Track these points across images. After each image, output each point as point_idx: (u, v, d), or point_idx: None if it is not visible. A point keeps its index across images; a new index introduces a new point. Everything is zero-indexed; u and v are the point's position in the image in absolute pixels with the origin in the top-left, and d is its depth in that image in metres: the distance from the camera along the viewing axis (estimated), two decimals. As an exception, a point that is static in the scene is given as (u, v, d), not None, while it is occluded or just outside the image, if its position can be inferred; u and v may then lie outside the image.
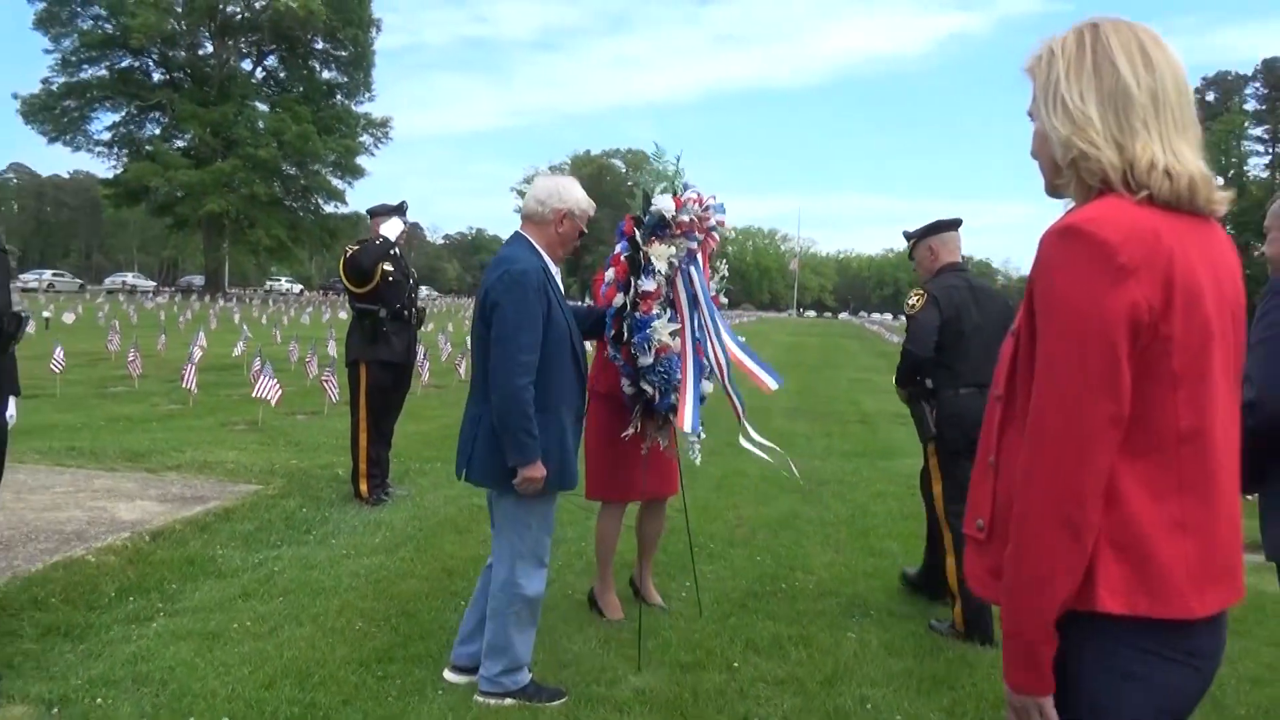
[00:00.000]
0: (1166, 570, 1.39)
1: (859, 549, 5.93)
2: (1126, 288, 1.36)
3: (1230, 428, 1.49)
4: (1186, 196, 1.44)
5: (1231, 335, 1.49)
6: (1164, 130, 1.45)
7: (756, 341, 40.15)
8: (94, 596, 4.32)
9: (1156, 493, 1.41)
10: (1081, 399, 1.37)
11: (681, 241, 4.10)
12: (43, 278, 57.42)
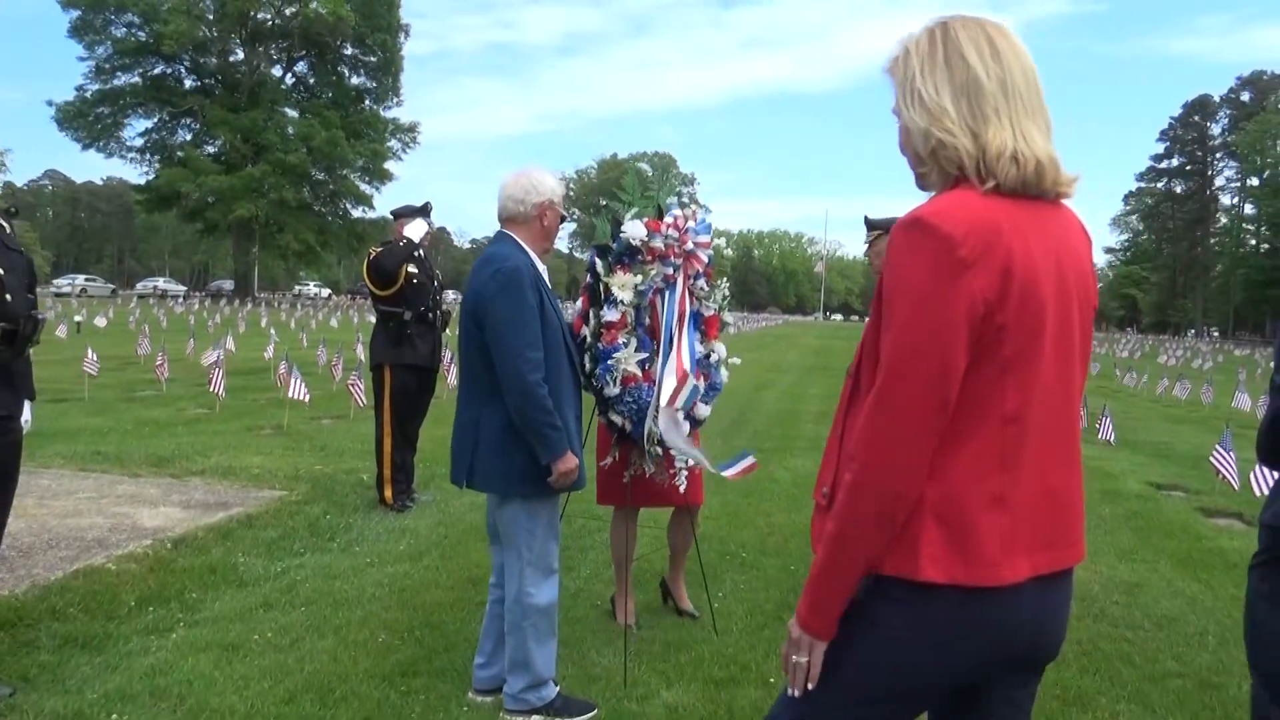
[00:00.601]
0: (982, 542, 1.49)
1: (895, 558, 5.75)
2: (966, 280, 1.43)
3: (1058, 407, 1.56)
4: (1034, 180, 1.51)
5: (1075, 316, 1.56)
6: (1014, 116, 1.52)
7: (782, 345, 39.99)
8: (113, 606, 4.23)
9: (979, 470, 1.49)
10: (915, 384, 1.45)
11: (653, 268, 4.00)
12: (75, 282, 58.20)
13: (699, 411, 4.19)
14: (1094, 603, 4.99)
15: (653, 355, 4.06)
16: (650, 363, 4.04)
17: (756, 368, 22.71)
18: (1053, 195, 1.56)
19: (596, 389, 3.96)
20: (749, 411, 13.53)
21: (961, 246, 1.44)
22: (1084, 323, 1.60)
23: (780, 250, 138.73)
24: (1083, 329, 1.60)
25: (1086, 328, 1.61)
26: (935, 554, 1.49)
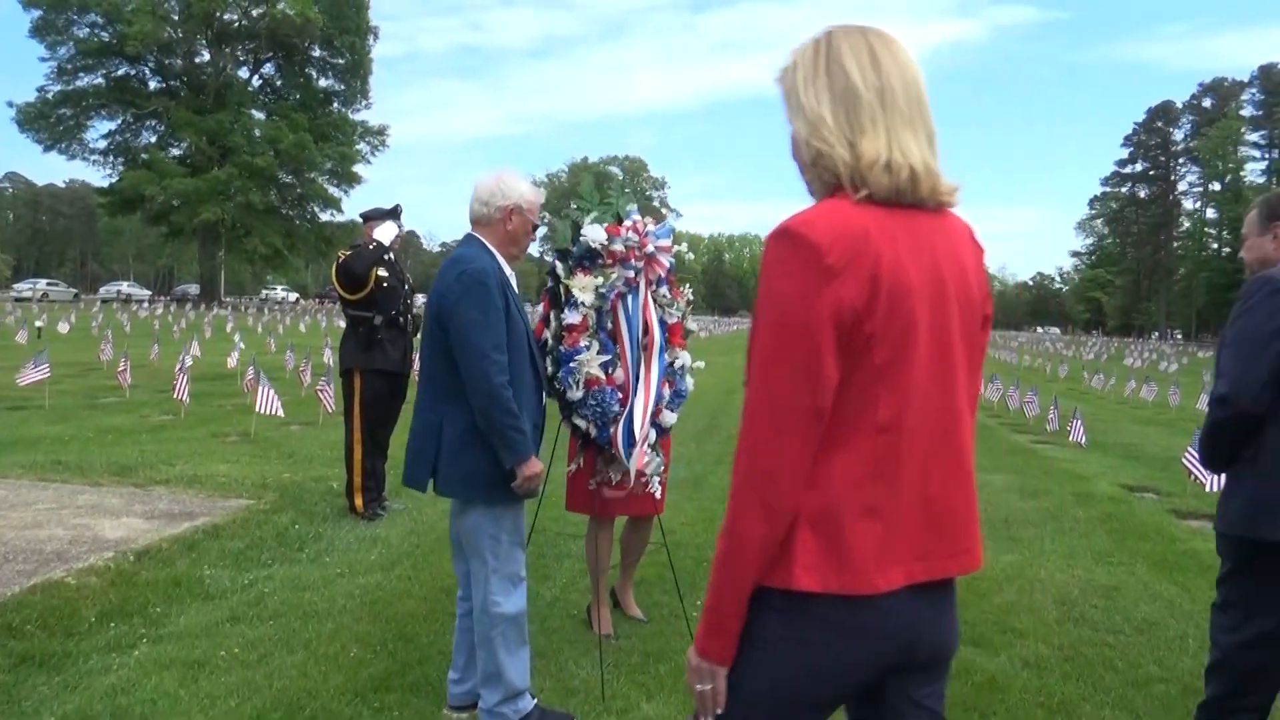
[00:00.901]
0: (855, 551, 1.48)
1: (874, 564, 5.71)
2: (832, 288, 1.43)
3: (937, 416, 1.55)
4: (908, 189, 1.51)
5: (955, 324, 1.55)
6: (891, 125, 1.52)
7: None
8: (73, 622, 4.08)
9: (855, 479, 1.49)
10: (783, 391, 1.46)
11: (614, 271, 3.98)
12: (37, 287, 57.19)
13: (665, 419, 4.16)
14: (1074, 606, 4.97)
15: (615, 359, 4.02)
16: (613, 366, 4.00)
17: (728, 371, 22.67)
18: (933, 204, 1.56)
19: (559, 393, 3.91)
20: (721, 416, 13.49)
21: (828, 255, 1.44)
22: (968, 331, 1.59)
23: (751, 254, 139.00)
24: (967, 337, 1.59)
25: (973, 336, 1.60)
26: (810, 563, 1.49)
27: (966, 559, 1.61)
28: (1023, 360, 35.85)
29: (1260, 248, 3.15)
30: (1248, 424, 2.88)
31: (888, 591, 1.50)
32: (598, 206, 4.13)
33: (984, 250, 1.66)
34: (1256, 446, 2.90)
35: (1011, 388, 16.29)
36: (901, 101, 1.54)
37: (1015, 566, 5.72)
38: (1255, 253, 3.16)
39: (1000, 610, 4.86)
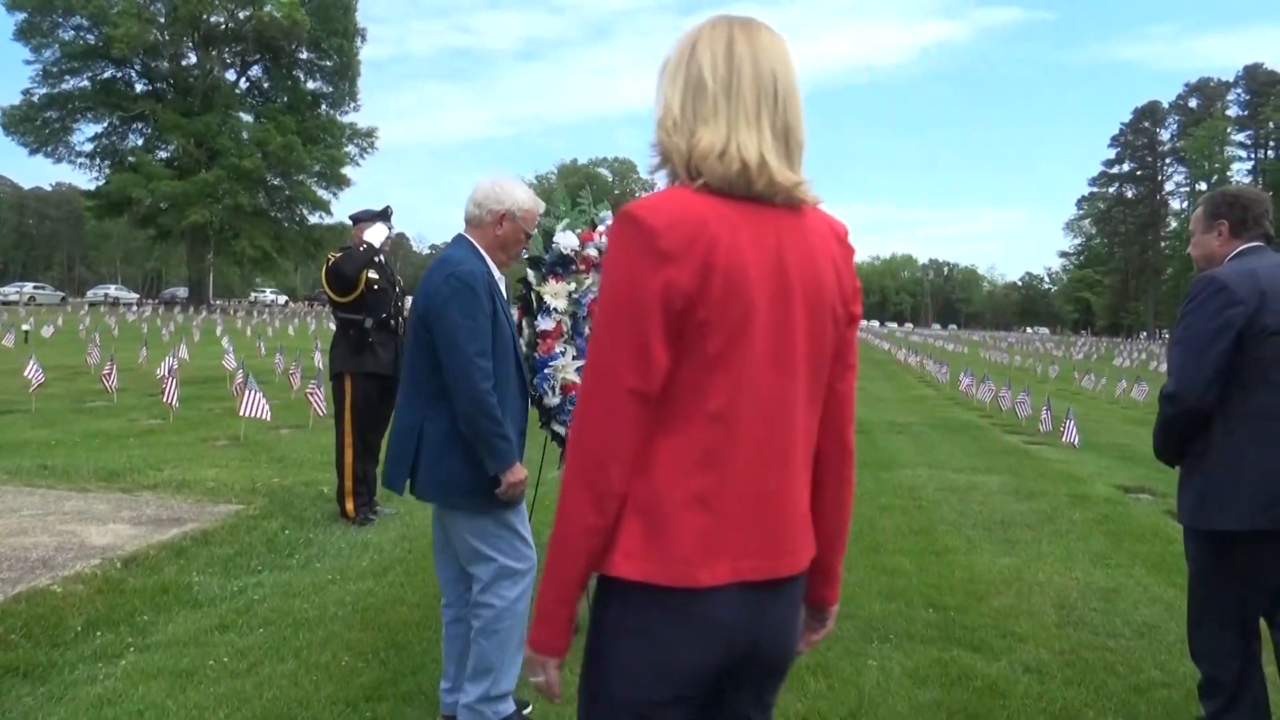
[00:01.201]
0: (677, 541, 1.45)
1: (871, 567, 5.66)
2: (664, 272, 1.42)
3: (775, 411, 1.52)
4: (739, 181, 1.49)
5: (800, 320, 1.53)
6: (732, 118, 1.51)
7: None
8: (58, 631, 4.00)
9: (682, 467, 1.47)
10: (609, 374, 1.45)
11: (588, 277, 3.97)
12: (24, 290, 56.77)
13: None
14: (1073, 610, 4.93)
15: None
16: None
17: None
18: (779, 199, 1.53)
19: (536, 399, 3.87)
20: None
21: (662, 239, 1.43)
22: (816, 329, 1.56)
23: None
24: (815, 335, 1.56)
25: (821, 334, 1.57)
26: (631, 550, 1.47)
27: (793, 560, 1.57)
28: (1013, 361, 35.94)
29: (1206, 244, 3.25)
30: (1195, 420, 3.02)
31: (714, 586, 1.47)
32: (570, 213, 4.11)
33: (853, 250, 1.65)
34: (1204, 442, 3.03)
35: (1003, 388, 16.28)
36: (748, 94, 1.52)
37: (1013, 569, 5.68)
38: (1201, 249, 3.27)
39: (999, 614, 4.82)
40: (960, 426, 13.77)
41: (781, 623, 1.58)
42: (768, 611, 1.55)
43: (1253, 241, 3.18)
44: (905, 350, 35.53)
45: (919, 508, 7.50)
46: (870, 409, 15.72)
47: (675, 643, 1.48)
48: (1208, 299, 3.01)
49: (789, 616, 1.60)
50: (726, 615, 1.49)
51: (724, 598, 1.48)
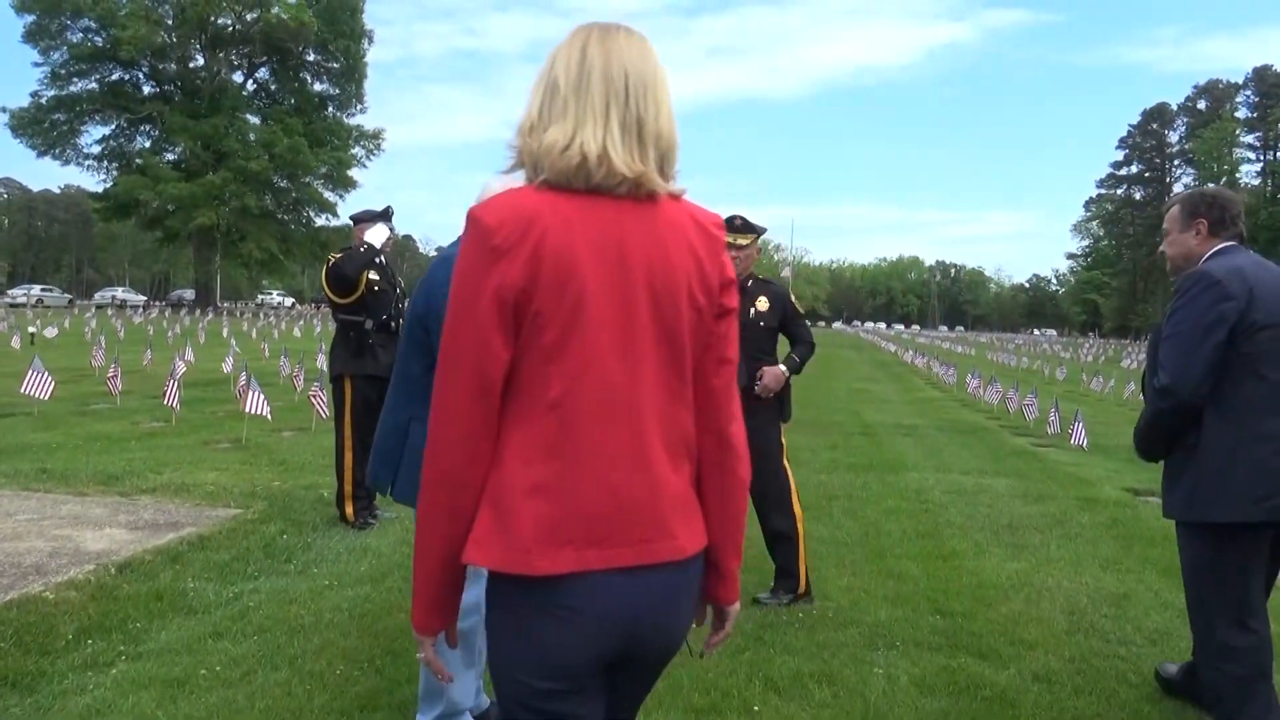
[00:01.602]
0: (519, 530, 1.50)
1: (876, 571, 5.58)
2: (498, 268, 1.49)
3: (620, 401, 1.54)
4: (580, 175, 1.53)
5: (644, 311, 1.55)
6: (580, 115, 1.55)
7: (753, 351, 39.74)
8: (49, 639, 3.93)
9: (525, 458, 1.52)
10: (453, 367, 1.52)
11: None
12: (31, 293, 56.98)
13: None
14: (1083, 616, 4.83)
15: None
16: None
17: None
18: (619, 189, 1.56)
19: None
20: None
21: (495, 235, 1.50)
22: (666, 319, 1.58)
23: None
24: (664, 325, 1.58)
25: (675, 324, 1.59)
26: (480, 538, 1.52)
27: (660, 548, 1.57)
28: (1021, 363, 35.77)
29: (1183, 243, 3.30)
30: (1187, 414, 3.07)
31: (558, 574, 1.50)
32: None
33: (718, 240, 1.65)
34: (1197, 435, 3.07)
35: (1011, 390, 16.17)
36: (597, 92, 1.57)
37: (1021, 574, 5.58)
38: (1178, 248, 3.32)
39: (1007, 620, 4.73)
40: (968, 429, 13.67)
41: (659, 609, 1.59)
42: (640, 599, 1.56)
43: (1229, 240, 3.26)
44: (912, 352, 35.40)
45: (926, 511, 7.41)
46: (877, 411, 15.63)
47: (541, 632, 1.53)
48: (1200, 294, 3.05)
49: (669, 602, 1.61)
50: (587, 604, 1.52)
51: (581, 586, 1.52)
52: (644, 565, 1.55)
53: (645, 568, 1.55)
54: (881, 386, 21.78)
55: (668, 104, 1.62)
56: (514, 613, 1.54)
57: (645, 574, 1.56)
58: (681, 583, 1.62)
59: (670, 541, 1.58)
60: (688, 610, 1.66)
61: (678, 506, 1.60)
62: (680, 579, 1.61)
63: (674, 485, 1.60)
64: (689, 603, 1.66)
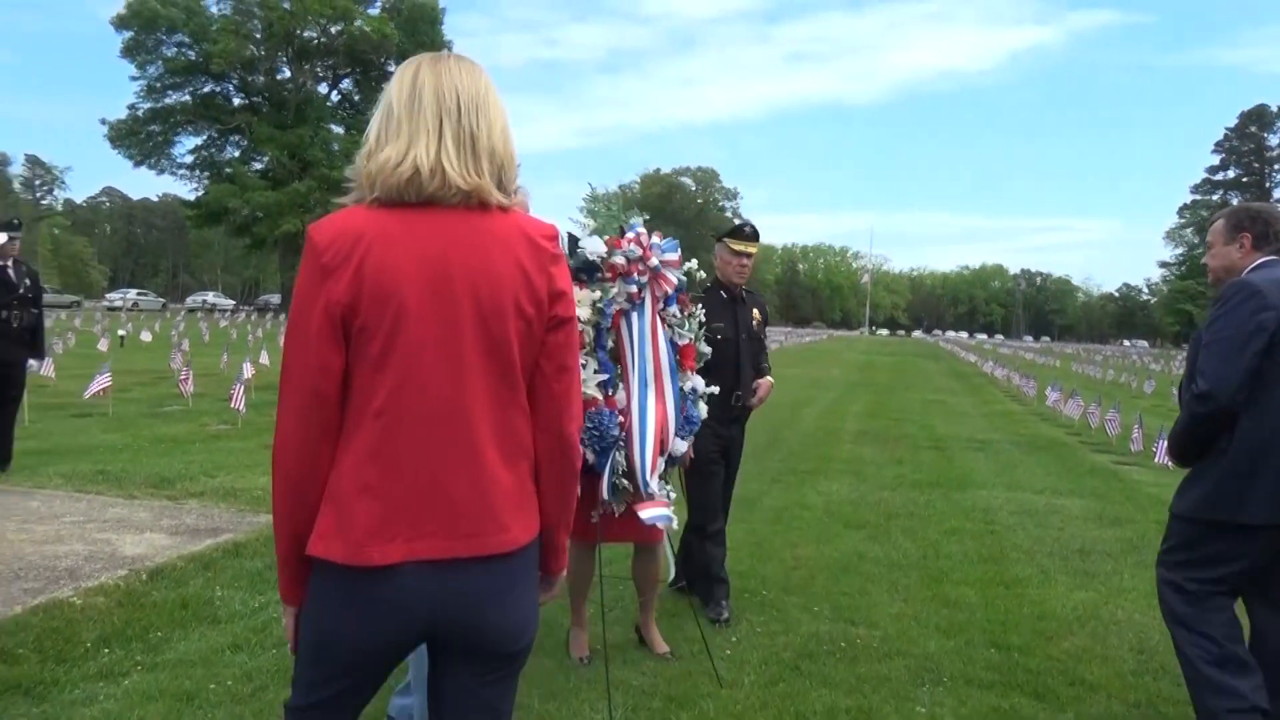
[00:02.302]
0: (355, 525, 1.62)
1: (930, 598, 5.27)
2: (326, 285, 1.60)
3: (443, 407, 1.65)
4: (409, 188, 1.63)
5: (466, 320, 1.65)
6: (413, 132, 1.65)
7: (825, 360, 39.46)
8: (69, 646, 3.90)
9: (357, 460, 1.64)
10: (291, 378, 1.65)
11: (614, 286, 3.71)
12: (127, 296, 59.24)
13: (674, 447, 3.86)
14: (1153, 655, 4.46)
15: (616, 380, 3.72)
16: (614, 387, 3.69)
17: (796, 384, 22.16)
18: (451, 199, 1.65)
19: None
20: (785, 430, 13.04)
21: (324, 254, 1.61)
22: (494, 328, 1.67)
23: (825, 264, 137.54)
24: (486, 331, 1.67)
25: (501, 333, 1.68)
26: (323, 532, 1.65)
27: (487, 541, 1.68)
28: (1106, 375, 34.46)
29: (1227, 256, 3.43)
30: (1223, 419, 3.19)
31: (388, 564, 1.62)
32: (600, 217, 3.86)
33: (546, 252, 1.72)
34: (1230, 438, 3.19)
35: (1093, 404, 15.48)
36: (429, 110, 1.67)
37: (1088, 605, 5.22)
38: (1222, 260, 3.45)
39: (1069, 657, 4.40)
40: (1045, 444, 13.10)
41: (475, 598, 1.69)
42: (455, 588, 1.67)
43: (1272, 254, 3.38)
44: (992, 363, 34.40)
45: (991, 533, 7.04)
46: (949, 424, 15.11)
47: (358, 614, 1.65)
48: (1241, 303, 3.18)
49: (489, 592, 1.70)
50: (402, 592, 1.65)
51: (401, 575, 1.64)
52: (475, 557, 1.67)
53: (475, 559, 1.68)
54: (957, 398, 21.12)
55: (501, 121, 1.72)
56: (330, 599, 1.66)
57: (473, 564, 1.68)
58: (517, 570, 1.74)
59: (503, 534, 1.70)
60: (525, 597, 1.77)
61: (511, 501, 1.72)
62: (516, 567, 1.73)
63: (506, 482, 1.71)
64: (526, 589, 1.77)
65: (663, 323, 3.89)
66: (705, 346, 4.14)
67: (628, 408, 3.73)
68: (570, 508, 1.86)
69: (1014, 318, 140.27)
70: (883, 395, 20.63)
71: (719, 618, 4.68)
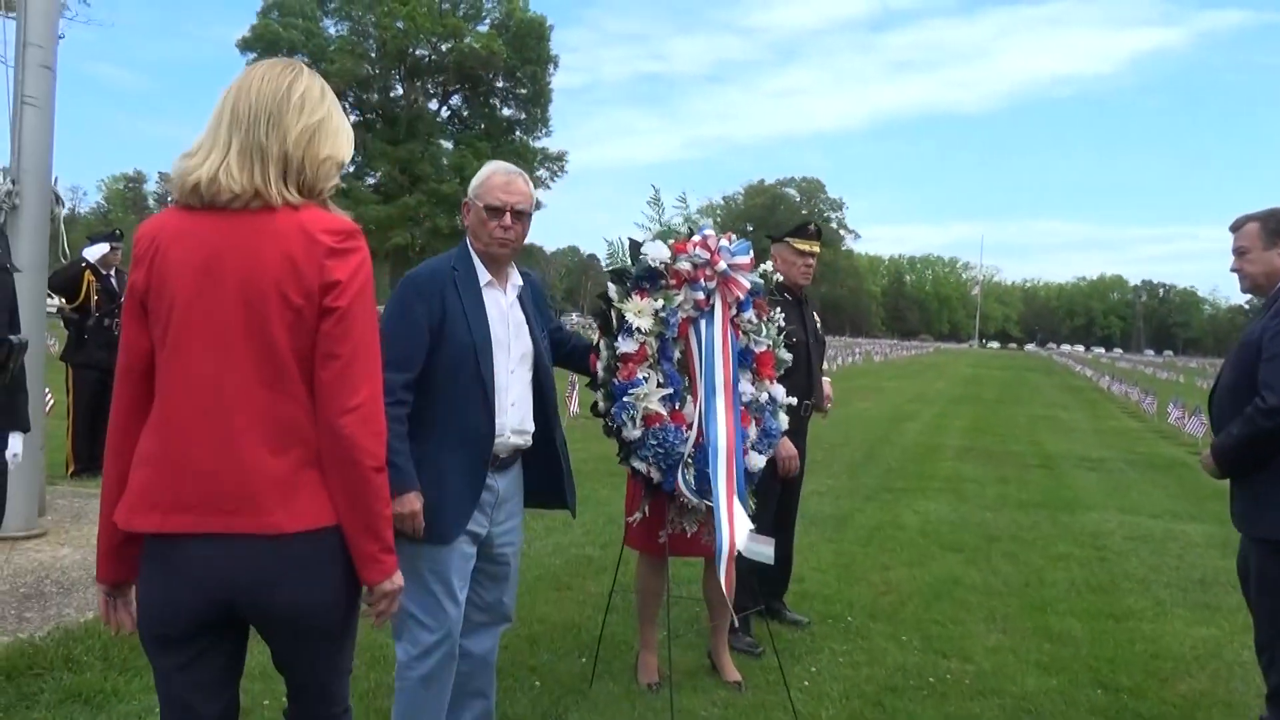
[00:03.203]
0: (131, 492, 1.82)
1: (1031, 630, 4.90)
2: (134, 274, 1.85)
3: (209, 391, 1.79)
4: (192, 196, 1.81)
5: (235, 313, 1.78)
6: (210, 146, 1.82)
7: (931, 374, 38.45)
8: (134, 655, 3.87)
9: (147, 433, 1.83)
10: (117, 352, 1.91)
11: (679, 293, 3.47)
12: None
13: (752, 462, 3.62)
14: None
15: (684, 393, 3.50)
16: (681, 400, 3.48)
17: (898, 397, 21.54)
18: (233, 204, 1.79)
19: (613, 430, 3.41)
20: (883, 445, 12.59)
21: (136, 247, 1.85)
22: (258, 320, 1.78)
23: (933, 275, 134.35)
24: (255, 324, 1.78)
25: (264, 324, 1.78)
26: (122, 499, 1.83)
27: (241, 521, 1.76)
28: (1237, 391, 32.48)
29: (1268, 261, 3.36)
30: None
31: (157, 532, 1.78)
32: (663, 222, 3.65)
33: (321, 245, 1.80)
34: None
35: (1219, 423, 14.51)
36: (224, 125, 1.82)
37: (1210, 644, 4.76)
38: (1262, 266, 3.38)
39: (1186, 702, 3.99)
40: (1164, 464, 12.31)
41: (262, 576, 1.78)
42: (239, 564, 1.78)
43: None
44: (1109, 377, 32.86)
45: (1101, 559, 6.57)
46: (1059, 440, 14.39)
47: (151, 586, 1.82)
48: None
49: (270, 571, 1.78)
50: (181, 562, 1.78)
51: (182, 547, 1.78)
52: (231, 534, 1.76)
53: (232, 536, 1.76)
54: (1070, 414, 20.17)
55: (300, 126, 1.83)
56: (144, 567, 1.83)
57: (232, 542, 1.77)
58: (287, 555, 1.78)
59: (260, 517, 1.76)
60: (317, 582, 1.81)
61: (277, 487, 1.77)
62: (283, 552, 1.78)
63: (272, 468, 1.77)
64: (318, 575, 1.81)
65: (737, 330, 3.67)
66: (786, 353, 3.90)
67: (697, 421, 3.52)
68: (366, 512, 1.82)
69: (1134, 331, 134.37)
70: (989, 410, 19.84)
71: (737, 645, 4.39)
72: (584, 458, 8.55)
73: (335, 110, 1.95)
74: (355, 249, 1.83)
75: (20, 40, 5.08)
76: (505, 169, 3.06)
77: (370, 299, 1.85)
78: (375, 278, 2.55)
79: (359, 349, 1.80)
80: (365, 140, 59.26)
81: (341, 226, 1.83)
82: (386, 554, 1.85)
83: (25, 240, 5.24)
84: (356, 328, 1.81)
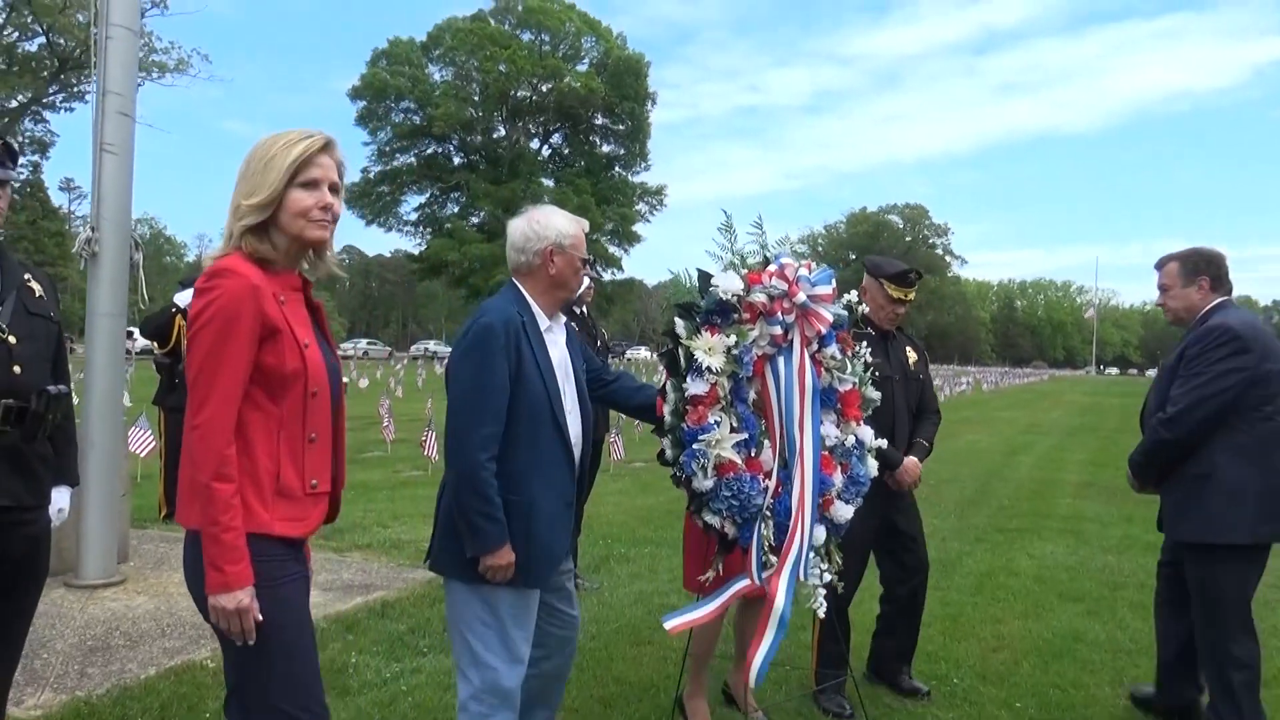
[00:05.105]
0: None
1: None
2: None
3: None
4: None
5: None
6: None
7: (1045, 403, 36.77)
8: (192, 714, 3.76)
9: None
10: None
11: (752, 329, 3.20)
12: (358, 346, 63.81)
13: (837, 512, 3.27)
14: None
15: (760, 437, 3.18)
16: (757, 446, 3.15)
17: (1011, 429, 20.56)
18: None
19: (683, 480, 3.10)
20: (995, 481, 11.91)
21: None
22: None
23: (1046, 300, 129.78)
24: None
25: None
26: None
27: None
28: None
29: (1187, 298, 3.77)
30: (1184, 448, 3.59)
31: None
32: (735, 251, 3.33)
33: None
34: (1208, 466, 3.56)
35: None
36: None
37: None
38: (1182, 302, 3.79)
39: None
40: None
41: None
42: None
43: (1224, 296, 3.73)
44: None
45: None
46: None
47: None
48: (1223, 345, 3.51)
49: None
50: None
51: None
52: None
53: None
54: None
55: (242, 183, 2.24)
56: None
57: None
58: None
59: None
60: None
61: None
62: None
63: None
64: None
65: (818, 366, 3.33)
66: (873, 392, 3.54)
67: (775, 470, 3.20)
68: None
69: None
70: (1110, 441, 18.68)
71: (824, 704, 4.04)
72: (660, 500, 8.23)
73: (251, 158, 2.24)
74: (206, 289, 2.12)
75: (100, 89, 5.15)
76: (575, 220, 3.10)
77: (215, 333, 2.09)
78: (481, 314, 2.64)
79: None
80: (469, 180, 60.74)
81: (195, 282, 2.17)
82: (212, 569, 2.04)
83: (104, 287, 5.28)
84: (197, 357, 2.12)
